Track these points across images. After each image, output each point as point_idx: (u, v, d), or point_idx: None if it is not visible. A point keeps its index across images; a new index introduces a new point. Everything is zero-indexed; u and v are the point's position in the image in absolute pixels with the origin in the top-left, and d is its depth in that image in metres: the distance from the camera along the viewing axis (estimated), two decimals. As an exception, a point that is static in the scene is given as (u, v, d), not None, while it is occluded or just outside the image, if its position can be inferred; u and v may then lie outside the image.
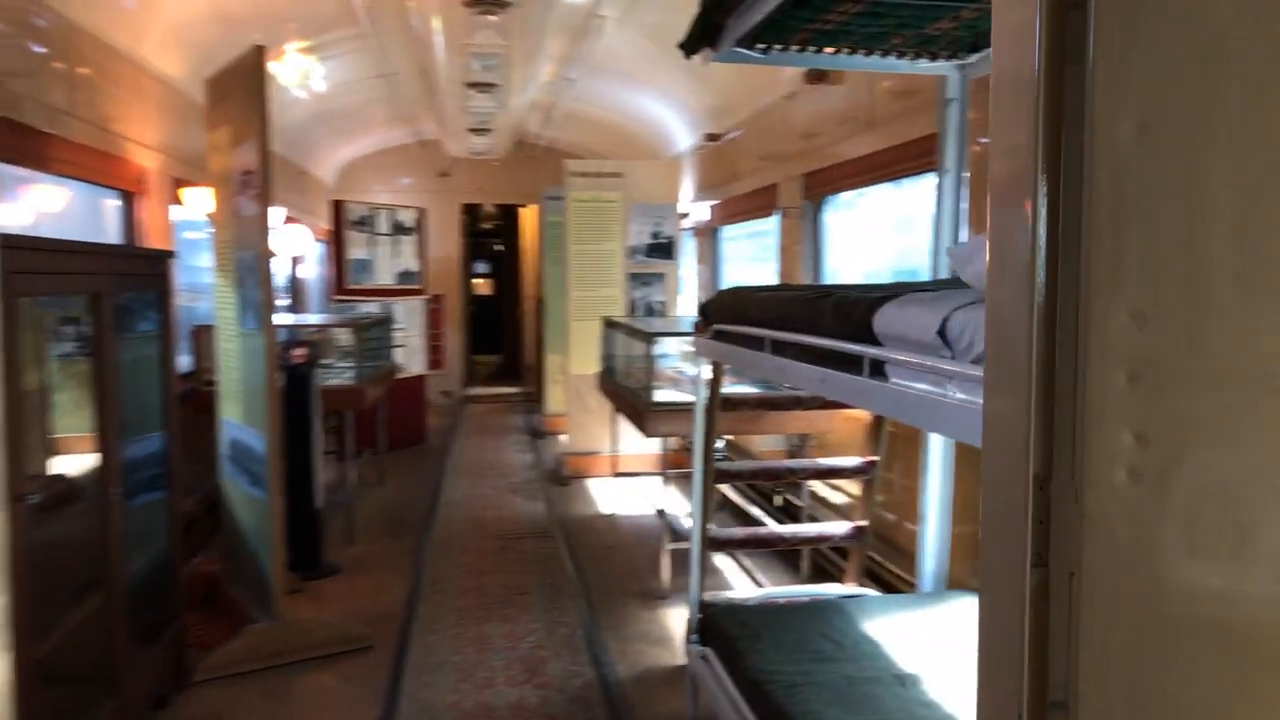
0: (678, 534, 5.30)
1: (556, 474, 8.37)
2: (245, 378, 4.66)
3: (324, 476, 7.66)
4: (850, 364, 2.21)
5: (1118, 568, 1.07)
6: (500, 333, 18.81)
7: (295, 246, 5.73)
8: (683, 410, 5.02)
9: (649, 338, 5.20)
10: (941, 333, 1.79)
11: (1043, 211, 1.10)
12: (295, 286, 10.26)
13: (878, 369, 2.09)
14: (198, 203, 5.41)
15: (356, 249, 9.25)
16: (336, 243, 9.13)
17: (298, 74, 8.21)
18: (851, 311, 2.24)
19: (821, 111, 5.79)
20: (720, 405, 3.73)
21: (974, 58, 3.57)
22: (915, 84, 4.53)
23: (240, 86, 4.44)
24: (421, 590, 5.43)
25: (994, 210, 1.19)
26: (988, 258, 1.19)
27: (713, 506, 3.84)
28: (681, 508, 6.95)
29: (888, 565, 4.52)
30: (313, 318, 8.14)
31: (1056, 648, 1.11)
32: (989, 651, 1.20)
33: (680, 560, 5.29)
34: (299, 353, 5.65)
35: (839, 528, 4.16)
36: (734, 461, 4.01)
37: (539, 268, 13.01)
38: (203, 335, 5.95)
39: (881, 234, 6.04)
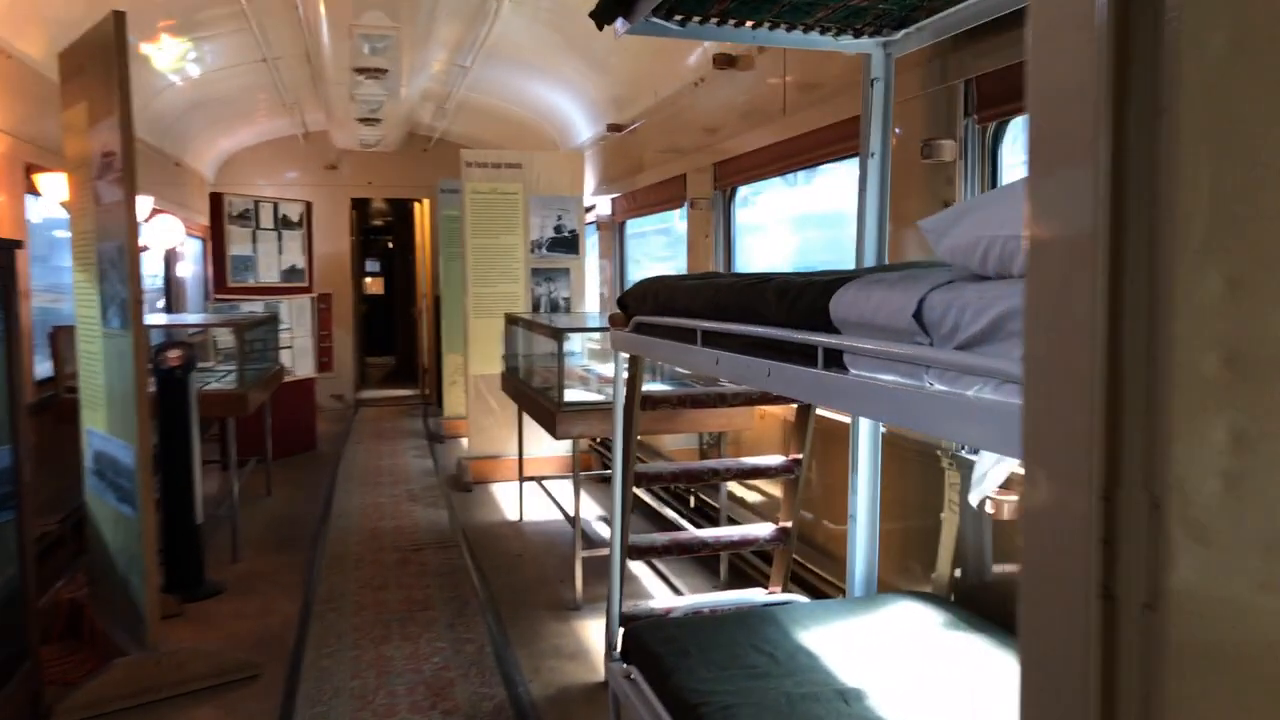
0: (591, 540, 5.04)
1: (458, 480, 8.00)
2: (111, 383, 4.20)
3: (205, 488, 7.14)
4: (801, 355, 1.99)
5: (1208, 602, 0.86)
6: (394, 333, 18.23)
7: (167, 239, 5.23)
8: (595, 410, 4.77)
9: (558, 334, 4.92)
10: (918, 315, 1.58)
11: (1105, 163, 0.88)
12: (170, 285, 9.59)
13: (833, 359, 1.88)
14: (54, 190, 4.88)
15: (238, 245, 8.68)
16: (216, 238, 8.54)
17: (172, 57, 7.63)
18: (801, 297, 2.02)
19: (731, 98, 5.60)
20: (640, 404, 3.49)
21: (899, 34, 3.41)
22: (829, 69, 4.37)
23: (98, 58, 3.98)
24: (314, 609, 5.03)
25: (1034, 171, 0.97)
26: (1029, 227, 0.97)
27: (630, 512, 3.59)
28: (592, 511, 6.70)
29: (811, 567, 4.35)
30: (189, 317, 7.56)
31: (1126, 707, 0.89)
32: (1035, 711, 0.97)
33: (593, 568, 5.03)
34: (174, 355, 5.17)
35: (762, 530, 3.96)
36: (650, 463, 3.78)
37: (434, 265, 12.57)
38: (63, 337, 5.40)
39: (781, 229, 5.93)
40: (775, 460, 3.87)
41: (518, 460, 7.61)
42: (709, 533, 3.88)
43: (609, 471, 7.11)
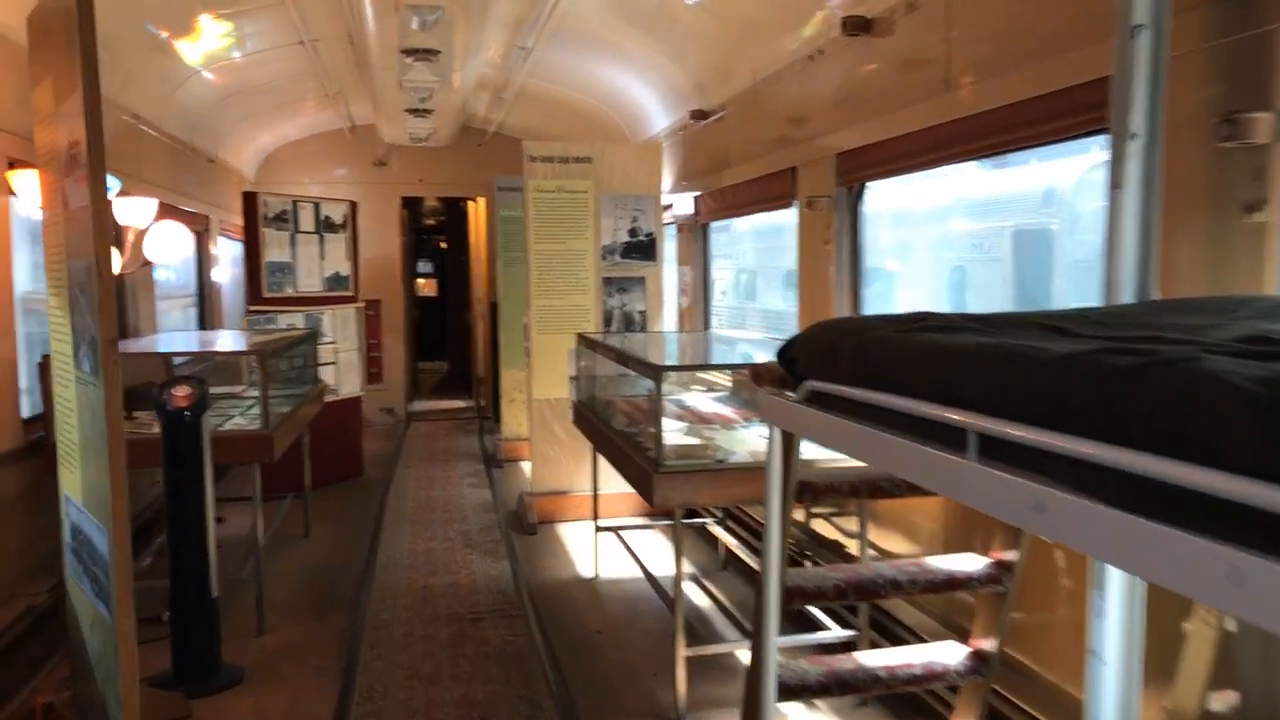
0: (695, 632, 4.01)
1: (521, 519, 7.00)
2: (84, 441, 3.25)
3: (233, 527, 6.24)
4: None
5: None
6: (446, 338, 17.39)
7: (168, 250, 4.29)
8: (704, 472, 3.71)
9: (657, 373, 3.85)
10: None
11: None
12: (204, 295, 8.74)
13: None
14: (30, 189, 3.95)
15: (274, 250, 7.78)
16: (250, 243, 7.64)
17: (199, 39, 6.74)
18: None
19: (864, 72, 4.52)
20: (797, 491, 2.43)
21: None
22: (1029, 20, 3.27)
23: (60, 21, 3.02)
24: (349, 712, 4.05)
25: None
26: None
27: (775, 644, 2.51)
28: (664, 561, 5.66)
29: (1016, 700, 3.25)
30: (190, 342, 6.60)
31: None
32: None
33: (701, 668, 4.01)
34: (181, 393, 4.22)
35: (950, 654, 2.88)
36: (806, 572, 2.74)
37: (489, 268, 11.62)
38: (52, 368, 4.48)
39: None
40: (975, 565, 2.78)
41: (591, 502, 6.62)
42: (878, 659, 2.81)
43: (703, 521, 6.13)
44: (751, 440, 4.36)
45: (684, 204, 7.43)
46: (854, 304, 4.74)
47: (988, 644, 2.82)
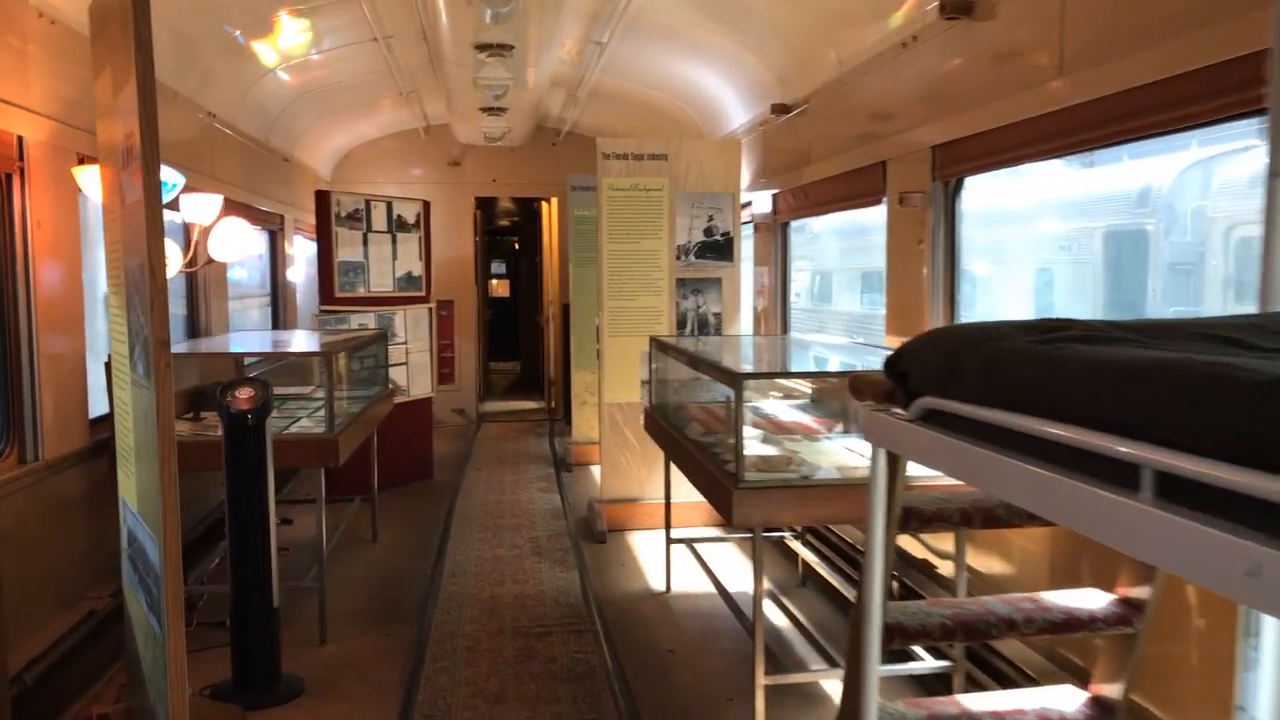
0: (774, 657, 3.73)
1: (590, 526, 6.80)
2: (138, 446, 3.12)
3: (298, 530, 6.16)
4: None
5: None
6: (518, 338, 17.35)
7: (233, 248, 4.17)
8: (791, 489, 3.44)
9: (737, 380, 3.58)
10: None
11: None
12: (278, 294, 8.74)
13: None
14: (95, 186, 3.85)
15: (347, 250, 7.70)
16: (323, 242, 7.58)
17: (275, 38, 6.69)
18: None
19: (962, 59, 4.19)
20: (900, 518, 2.15)
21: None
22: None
23: (117, 10, 2.88)
24: (411, 730, 3.88)
25: None
26: None
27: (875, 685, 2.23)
28: (740, 577, 5.38)
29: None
30: (256, 342, 6.50)
31: None
32: None
33: (780, 695, 3.73)
34: (244, 395, 4.10)
35: (1066, 700, 2.56)
36: (910, 607, 2.44)
37: (561, 269, 11.48)
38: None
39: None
40: (1099, 602, 2.46)
41: (661, 511, 6.39)
42: (985, 703, 2.50)
43: (781, 534, 5.83)
44: (837, 453, 4.07)
45: (762, 202, 7.15)
46: (949, 308, 4.42)
47: (1112, 690, 2.50)
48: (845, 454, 4.05)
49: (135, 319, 2.95)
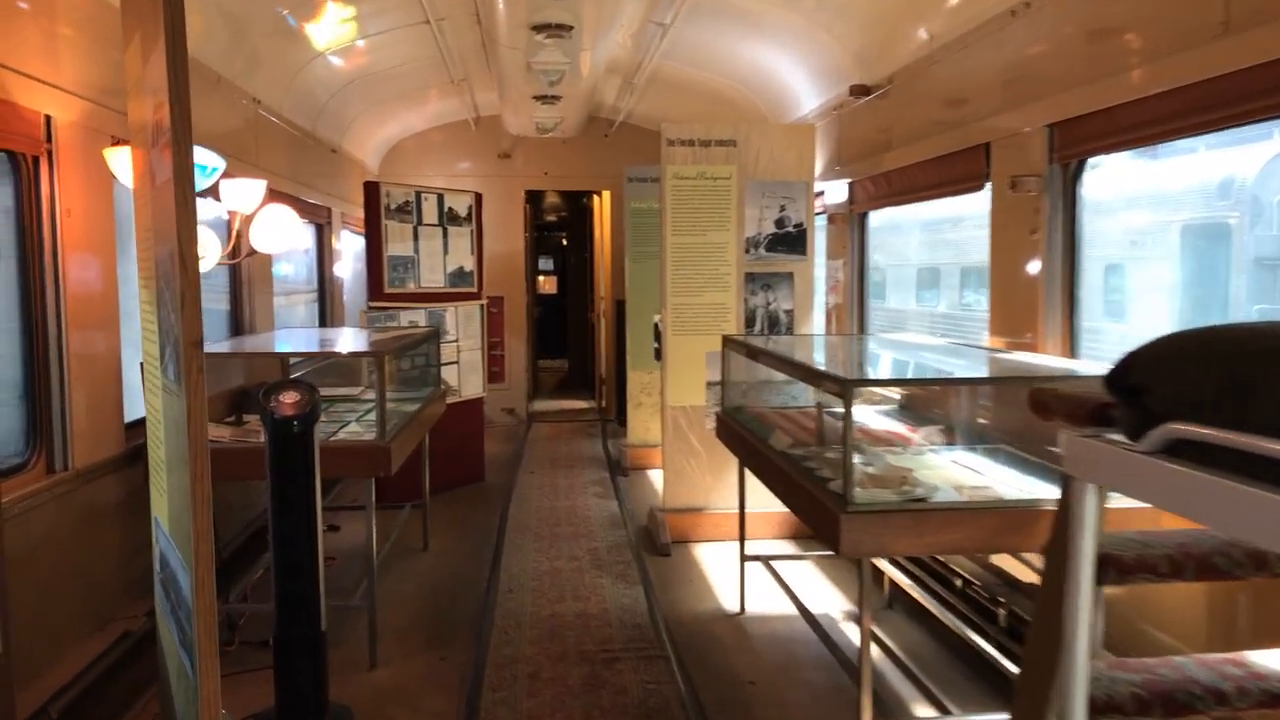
0: (881, 702, 3.30)
1: (653, 537, 6.39)
2: (170, 459, 2.77)
3: (346, 538, 5.84)
4: None
5: None
6: (566, 336, 17.03)
7: (276, 238, 3.80)
8: (909, 513, 2.99)
9: (847, 388, 3.12)
10: None
11: None
12: (325, 290, 8.45)
13: None
14: (126, 170, 3.51)
15: (396, 244, 7.37)
16: (372, 236, 7.25)
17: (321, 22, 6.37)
18: None
19: (1086, 24, 3.72)
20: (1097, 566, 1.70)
21: None
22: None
23: (148, -42, 2.53)
24: (470, 772, 3.50)
25: None
26: None
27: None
28: (821, 597, 4.94)
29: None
30: (301, 340, 6.14)
31: None
32: None
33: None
34: (289, 400, 3.74)
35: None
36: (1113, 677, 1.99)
37: (613, 264, 11.10)
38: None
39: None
40: (1328, 668, 2.00)
41: (728, 521, 5.99)
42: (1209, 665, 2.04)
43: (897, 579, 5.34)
44: (945, 468, 3.62)
45: (835, 192, 6.69)
46: (1068, 307, 3.94)
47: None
48: (955, 469, 3.60)
49: (166, 316, 2.59)
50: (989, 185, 4.46)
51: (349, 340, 6.28)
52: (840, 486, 3.07)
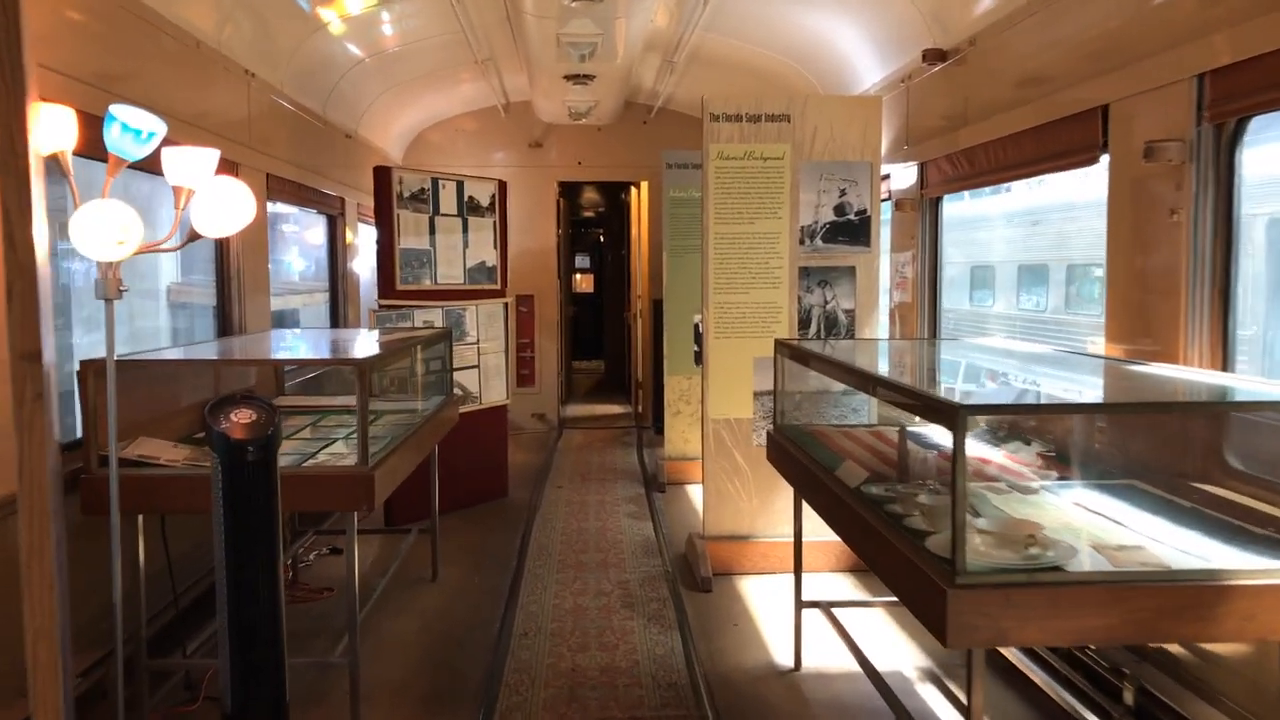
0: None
1: (691, 568, 5.62)
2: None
3: (360, 560, 5.13)
4: None
5: None
6: (602, 336, 16.34)
7: (224, 219, 3.04)
8: (1043, 588, 2.19)
9: (959, 415, 2.29)
10: None
11: None
12: (337, 287, 7.78)
13: None
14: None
15: (410, 236, 6.67)
16: (383, 226, 6.56)
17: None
18: None
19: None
20: None
21: None
22: None
23: None
24: None
25: None
26: None
27: None
28: (889, 650, 4.13)
29: None
30: (264, 346, 5.34)
31: None
32: None
33: None
34: (242, 418, 3.03)
35: None
36: None
37: (651, 260, 10.35)
38: (94, 378, 3.40)
39: None
40: None
41: (780, 552, 5.23)
42: None
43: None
44: (1067, 513, 2.81)
45: (901, 176, 5.87)
46: (1220, 308, 3.11)
47: None
48: (1081, 515, 2.79)
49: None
50: (1105, 157, 3.64)
51: (347, 343, 5.58)
52: (943, 544, 2.28)
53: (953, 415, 2.18)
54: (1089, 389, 3.24)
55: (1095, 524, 2.67)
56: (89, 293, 3.18)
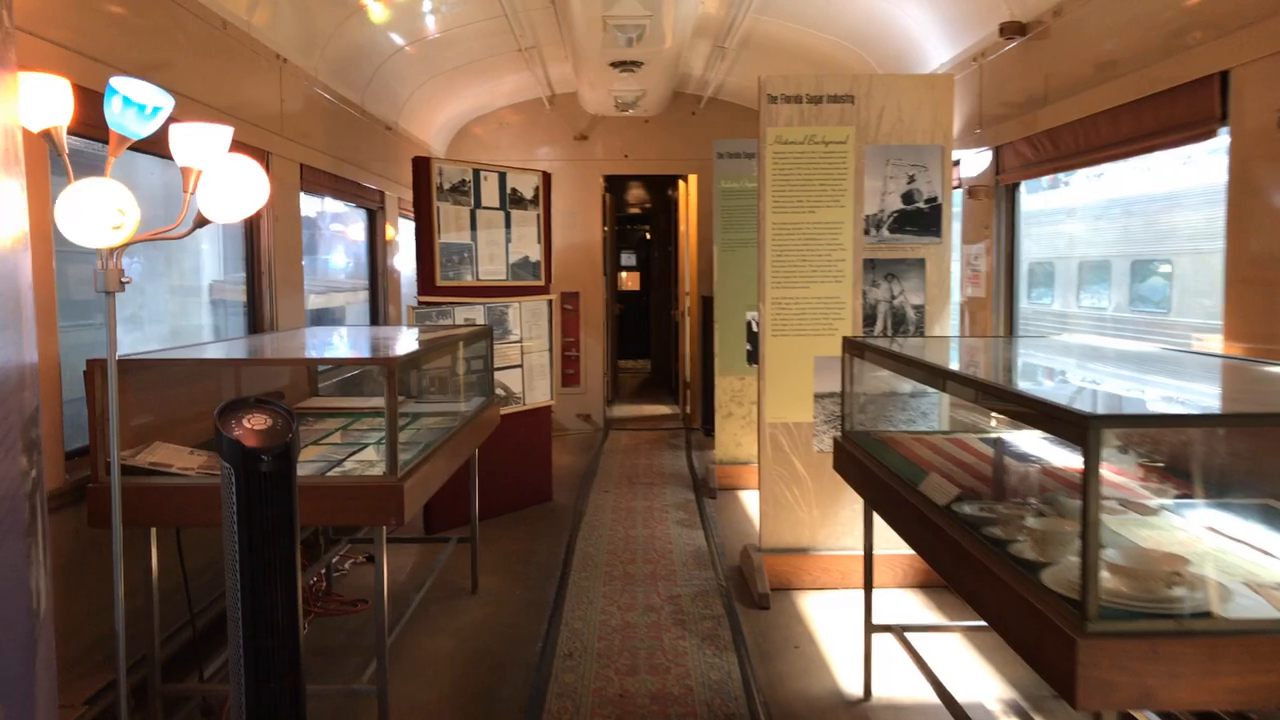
0: None
1: (747, 584, 5.26)
2: None
3: (387, 574, 4.84)
4: None
5: None
6: (648, 334, 16.02)
7: (234, 203, 2.75)
8: (1195, 639, 1.80)
9: (1091, 427, 1.89)
10: None
11: None
12: (377, 284, 7.53)
13: None
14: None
15: (451, 230, 6.38)
16: (422, 220, 6.28)
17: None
18: None
19: None
20: None
21: None
22: None
23: None
24: None
25: None
26: None
27: None
28: (969, 678, 3.72)
29: None
30: (291, 345, 5.00)
31: None
32: None
33: None
34: (255, 423, 2.73)
35: None
36: None
37: (699, 256, 10.00)
38: (101, 379, 3.13)
39: None
40: None
41: (844, 566, 4.86)
42: None
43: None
44: (1201, 541, 2.40)
45: (976, 161, 5.45)
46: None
47: None
48: (1220, 544, 2.38)
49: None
50: (1224, 131, 3.21)
51: (379, 341, 5.30)
52: (1062, 580, 1.90)
53: (1082, 427, 1.80)
54: (1221, 395, 2.81)
55: (1239, 553, 2.27)
56: (128, 289, 2.90)
